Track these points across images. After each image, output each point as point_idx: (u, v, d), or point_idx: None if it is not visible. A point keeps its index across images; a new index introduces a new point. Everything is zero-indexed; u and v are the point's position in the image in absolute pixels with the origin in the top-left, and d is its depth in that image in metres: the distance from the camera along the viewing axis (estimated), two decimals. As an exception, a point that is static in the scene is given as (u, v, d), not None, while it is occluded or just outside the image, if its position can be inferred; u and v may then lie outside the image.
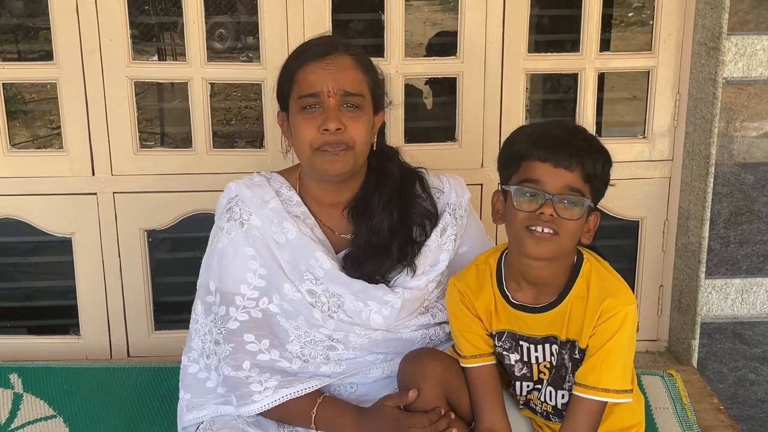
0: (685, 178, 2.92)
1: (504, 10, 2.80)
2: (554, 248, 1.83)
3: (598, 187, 1.87)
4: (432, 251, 2.12)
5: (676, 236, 2.99)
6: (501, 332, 2.00)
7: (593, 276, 1.92)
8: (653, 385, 2.65)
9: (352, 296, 2.05)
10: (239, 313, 2.06)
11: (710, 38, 2.72)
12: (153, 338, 3.01)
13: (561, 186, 1.81)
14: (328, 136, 1.97)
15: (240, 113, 5.76)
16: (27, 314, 3.22)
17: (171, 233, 2.98)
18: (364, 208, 2.11)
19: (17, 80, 2.95)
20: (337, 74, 1.98)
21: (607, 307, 1.86)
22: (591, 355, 1.88)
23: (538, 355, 1.99)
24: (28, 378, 2.64)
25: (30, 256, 3.24)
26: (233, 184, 2.15)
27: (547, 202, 1.81)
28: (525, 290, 1.96)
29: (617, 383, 1.88)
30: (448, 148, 2.92)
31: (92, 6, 2.71)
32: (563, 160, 1.82)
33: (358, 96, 2.00)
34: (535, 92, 3.25)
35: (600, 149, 1.88)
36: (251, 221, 2.08)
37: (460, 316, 2.02)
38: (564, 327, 1.92)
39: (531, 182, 1.84)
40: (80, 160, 2.84)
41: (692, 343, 2.94)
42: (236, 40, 5.28)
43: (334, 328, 2.06)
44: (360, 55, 2.06)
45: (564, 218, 1.81)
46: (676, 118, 2.92)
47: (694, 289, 2.90)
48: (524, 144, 1.87)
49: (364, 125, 2.01)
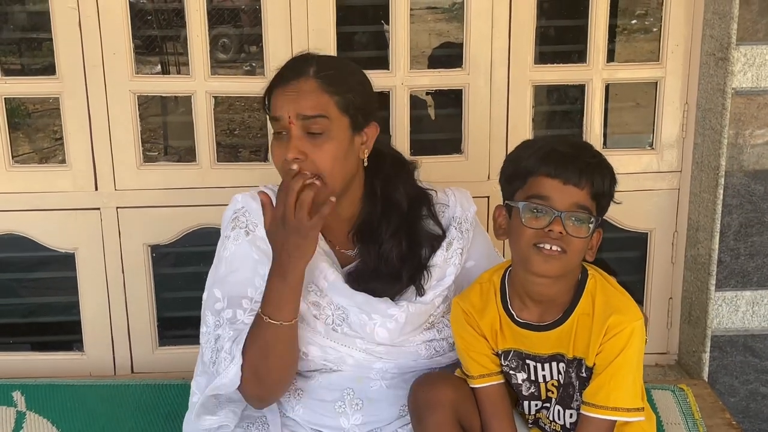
0: (694, 189, 2.89)
1: (510, 22, 2.78)
2: (561, 266, 1.80)
3: (604, 205, 1.84)
4: (438, 267, 2.09)
5: (686, 248, 2.96)
6: (507, 351, 1.97)
7: (598, 292, 1.89)
8: (664, 401, 2.62)
9: (356, 308, 2.02)
10: (246, 315, 2.02)
11: (719, 48, 2.69)
12: (157, 354, 2.99)
13: (570, 203, 1.78)
14: (288, 164, 1.92)
15: (244, 123, 5.75)
16: (30, 330, 3.19)
17: (175, 248, 2.96)
18: (370, 233, 2.08)
19: (19, 95, 2.96)
20: (298, 99, 1.94)
21: (613, 323, 1.82)
22: (598, 373, 1.84)
23: (545, 373, 1.96)
24: (31, 396, 2.62)
25: (33, 271, 3.20)
26: (239, 196, 2.14)
27: (556, 219, 1.77)
28: (530, 308, 1.93)
29: (627, 401, 1.84)
30: (454, 161, 2.89)
31: (95, 20, 2.70)
32: (573, 177, 1.79)
33: (319, 117, 1.94)
34: (542, 104, 3.22)
35: (607, 166, 1.85)
36: (257, 232, 2.06)
37: (465, 336, 1.99)
38: (570, 345, 1.89)
39: (539, 198, 1.80)
40: (83, 175, 2.83)
41: (703, 356, 2.91)
42: (239, 50, 5.27)
43: (337, 340, 2.03)
44: (329, 76, 1.99)
45: (572, 236, 1.78)
46: (684, 129, 2.89)
47: (704, 301, 2.87)
48: (532, 159, 1.84)
49: (329, 152, 1.95)
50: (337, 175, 1.98)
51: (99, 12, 2.70)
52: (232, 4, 4.98)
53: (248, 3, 5.04)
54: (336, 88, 1.97)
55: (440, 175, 2.33)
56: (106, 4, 2.70)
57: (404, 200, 2.10)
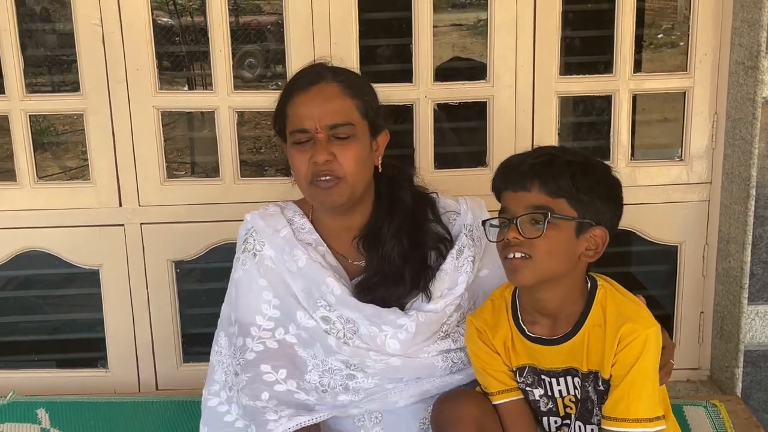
0: (724, 201, 2.84)
1: (534, 33, 2.76)
2: (531, 273, 1.79)
3: (583, 201, 1.79)
4: (449, 274, 2.08)
5: (717, 261, 2.91)
6: (522, 367, 1.95)
7: (609, 302, 1.86)
8: (697, 417, 2.57)
9: (366, 321, 2.02)
10: (255, 343, 2.06)
11: (748, 57, 2.65)
12: (181, 371, 2.98)
13: (522, 208, 1.79)
14: (318, 167, 1.96)
15: (270, 141, 5.76)
16: (55, 347, 3.21)
17: (199, 264, 2.96)
18: (373, 237, 2.09)
19: (44, 112, 2.97)
20: (323, 106, 1.97)
21: (626, 332, 1.79)
22: (616, 385, 1.81)
23: (561, 388, 1.93)
24: (55, 413, 2.62)
25: (57, 288, 3.22)
26: (249, 215, 2.17)
27: (511, 227, 1.78)
28: (540, 323, 1.91)
29: (648, 411, 1.79)
30: (479, 174, 2.86)
31: (118, 36, 2.71)
32: (519, 182, 1.80)
33: (346, 125, 1.97)
34: (568, 115, 3.19)
35: (565, 162, 1.81)
36: (264, 252, 2.09)
37: (480, 354, 1.98)
38: (584, 358, 1.86)
39: (502, 212, 1.84)
40: (107, 192, 2.83)
41: (735, 371, 2.84)
42: (265, 69, 5.30)
43: (350, 354, 2.03)
44: (348, 80, 2.03)
45: (529, 237, 1.76)
46: (713, 140, 2.84)
47: (737, 315, 2.81)
48: (495, 179, 1.90)
49: (355, 153, 1.98)
50: (360, 176, 2.01)
51: (122, 28, 2.71)
52: (258, 24, 5.02)
53: (273, 22, 5.08)
54: (356, 92, 2.00)
55: (465, 188, 2.30)
56: (129, 20, 2.71)
57: (408, 198, 2.11)
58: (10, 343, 3.14)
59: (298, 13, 2.72)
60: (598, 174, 1.84)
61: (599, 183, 1.83)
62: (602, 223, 1.82)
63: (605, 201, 1.82)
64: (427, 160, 2.82)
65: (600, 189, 1.82)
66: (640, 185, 2.88)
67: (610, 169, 1.89)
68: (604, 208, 1.82)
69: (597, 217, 1.81)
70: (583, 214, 1.79)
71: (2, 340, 3.11)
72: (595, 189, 1.81)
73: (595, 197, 1.81)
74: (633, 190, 2.84)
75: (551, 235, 1.77)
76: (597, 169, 1.85)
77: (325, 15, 2.72)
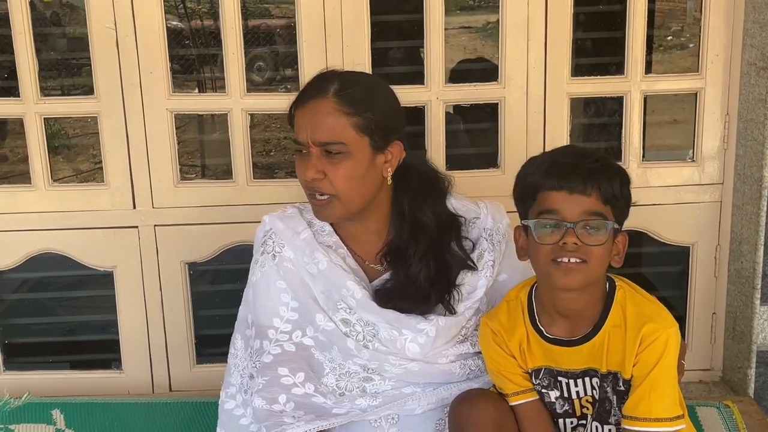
0: (736, 201, 2.84)
1: (546, 34, 2.76)
2: (584, 277, 1.79)
3: (620, 208, 1.81)
4: (468, 279, 2.08)
5: (729, 262, 2.91)
6: (537, 370, 1.95)
7: (628, 302, 1.86)
8: (709, 418, 2.57)
9: (386, 324, 2.01)
10: (272, 346, 2.06)
11: (760, 58, 2.65)
12: (195, 372, 2.99)
13: (580, 212, 1.77)
14: (309, 183, 1.98)
15: (279, 144, 5.78)
16: (69, 349, 3.22)
17: (212, 265, 2.97)
18: (398, 255, 2.07)
19: (58, 114, 2.98)
20: (316, 122, 1.96)
21: (648, 332, 1.79)
22: (637, 385, 1.81)
23: (579, 389, 1.93)
24: (70, 414, 2.64)
25: (72, 290, 3.24)
26: (267, 217, 2.16)
27: (569, 231, 1.76)
28: (559, 324, 1.91)
29: (669, 411, 1.80)
30: (491, 175, 2.87)
31: (132, 39, 2.73)
32: (578, 185, 1.77)
33: (337, 144, 1.95)
34: (579, 116, 3.20)
35: (614, 168, 1.83)
36: (284, 253, 2.08)
37: (494, 357, 1.98)
38: (603, 359, 1.86)
39: (549, 213, 1.79)
40: (121, 194, 2.85)
41: (748, 372, 2.84)
42: (275, 72, 5.32)
43: (369, 358, 2.03)
44: (350, 94, 1.98)
45: (589, 245, 1.76)
46: (725, 141, 2.84)
47: (749, 316, 2.81)
48: (536, 175, 1.83)
49: (347, 171, 1.96)
50: (354, 194, 2.00)
51: (136, 31, 2.73)
52: (267, 27, 5.03)
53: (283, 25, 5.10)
54: (355, 109, 1.96)
55: (476, 189, 2.30)
56: (143, 23, 2.72)
57: (432, 222, 2.08)
58: (25, 344, 3.15)
59: (311, 16, 2.74)
60: (629, 181, 1.86)
61: (630, 191, 1.85)
62: (621, 229, 1.84)
63: (629, 208, 1.85)
64: (439, 161, 2.82)
65: (630, 196, 1.85)
66: (652, 186, 2.88)
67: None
68: (627, 215, 1.85)
69: (621, 223, 1.84)
70: (618, 220, 1.81)
71: (17, 341, 3.12)
72: (628, 197, 1.84)
73: (627, 204, 1.84)
74: (645, 191, 2.85)
75: (607, 242, 1.78)
76: (628, 177, 1.86)
77: (337, 17, 2.73)
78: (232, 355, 2.19)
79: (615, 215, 1.80)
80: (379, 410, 2.04)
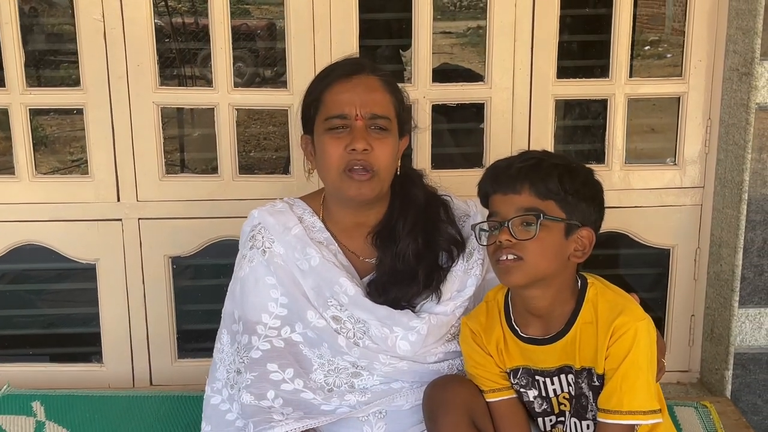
0: (717, 205, 2.88)
1: (533, 36, 2.79)
2: (524, 273, 1.82)
3: (570, 202, 1.83)
4: (458, 276, 2.10)
5: (708, 264, 2.94)
6: (516, 369, 1.98)
7: (600, 299, 1.89)
8: (687, 418, 2.60)
9: (377, 322, 2.02)
10: (261, 342, 2.04)
11: (742, 64, 2.69)
12: (176, 366, 2.98)
13: (514, 210, 1.82)
14: (355, 156, 1.96)
15: (259, 145, 5.78)
16: (49, 342, 3.19)
17: (195, 260, 2.96)
18: (388, 233, 2.09)
19: (44, 105, 2.96)
20: (365, 96, 1.97)
21: (618, 325, 1.82)
22: (609, 378, 1.83)
23: (555, 387, 1.95)
24: (50, 406, 2.62)
25: (54, 282, 3.22)
26: (256, 211, 2.14)
27: (503, 229, 1.81)
28: (533, 323, 1.93)
29: (642, 404, 1.82)
30: (475, 175, 2.86)
31: (120, 32, 2.73)
32: (508, 185, 1.83)
33: (385, 119, 1.99)
34: (564, 118, 3.23)
35: (552, 165, 1.85)
36: (273, 249, 2.07)
37: (473, 356, 2.00)
38: (576, 355, 1.89)
39: (492, 216, 1.87)
40: (105, 186, 2.84)
41: (725, 374, 2.87)
42: (254, 74, 5.33)
43: (359, 356, 2.03)
44: (387, 76, 2.05)
45: (522, 240, 1.80)
46: (707, 145, 2.88)
47: (727, 318, 2.85)
48: (482, 183, 1.93)
49: (390, 148, 2.00)
50: (390, 173, 2.03)
51: (124, 24, 2.72)
52: (247, 28, 5.03)
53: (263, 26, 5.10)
54: (393, 90, 2.03)
55: (461, 189, 2.31)
56: (131, 16, 2.72)
57: (421, 195, 2.12)
58: (5, 336, 3.12)
59: (299, 13, 2.74)
60: (582, 176, 1.88)
61: (585, 185, 1.87)
62: (588, 224, 1.86)
63: (590, 202, 1.87)
64: (425, 160, 2.84)
65: (585, 191, 1.86)
66: (634, 188, 2.91)
67: (593, 172, 1.92)
68: (589, 210, 1.86)
69: (583, 219, 1.85)
70: (570, 215, 1.83)
71: (-3, 333, 3.10)
72: (581, 191, 1.85)
73: (581, 199, 1.85)
74: (627, 194, 2.89)
75: (542, 236, 1.80)
76: (582, 172, 1.89)
77: (326, 14, 2.74)
78: (217, 350, 2.18)
79: (565, 210, 1.82)
80: (368, 407, 2.05)
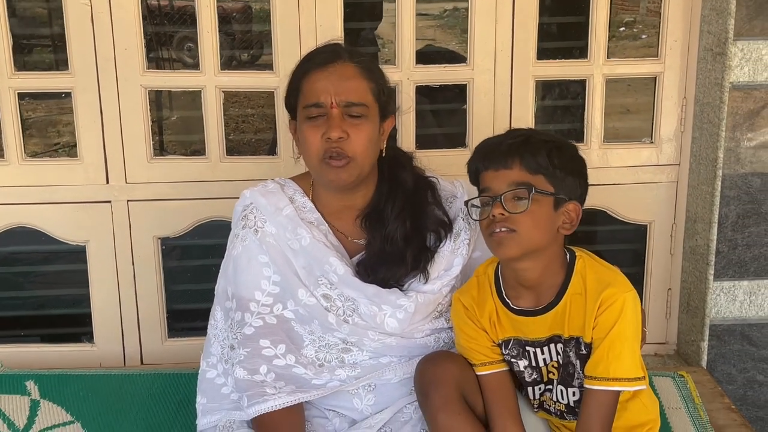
0: (692, 182, 2.96)
1: (513, 18, 2.84)
2: (517, 245, 1.88)
3: (559, 176, 1.91)
4: (446, 256, 2.15)
5: (684, 239, 3.02)
6: (507, 340, 2.04)
7: (588, 271, 1.96)
8: (665, 386, 2.67)
9: (366, 300, 2.07)
10: (254, 318, 2.09)
11: (716, 44, 2.76)
12: (166, 346, 3.03)
13: (506, 185, 1.88)
14: (331, 144, 2.00)
15: (238, 128, 5.77)
16: (40, 323, 3.22)
17: (184, 240, 3.00)
18: (377, 216, 2.13)
19: (32, 89, 2.97)
20: (340, 84, 2.01)
21: (606, 296, 1.89)
22: (596, 346, 1.91)
23: (545, 357, 2.02)
24: (44, 385, 2.65)
25: (44, 264, 3.25)
26: (248, 191, 2.18)
27: (496, 203, 1.88)
28: (524, 295, 2.00)
29: (628, 371, 1.90)
30: (458, 154, 2.94)
31: (107, 15, 2.75)
32: (500, 161, 1.90)
33: (361, 105, 2.02)
34: (544, 99, 3.28)
35: (540, 141, 1.93)
36: (266, 228, 2.11)
37: (466, 330, 2.06)
38: (565, 324, 1.96)
39: (484, 192, 1.93)
40: (94, 168, 2.87)
41: (701, 345, 2.96)
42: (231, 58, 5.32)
43: (349, 332, 2.09)
44: (364, 62, 2.08)
45: (514, 213, 1.86)
46: (682, 123, 2.95)
47: (703, 291, 2.93)
48: (472, 161, 1.99)
49: (366, 133, 2.03)
50: (368, 158, 2.06)
51: (111, 7, 2.74)
52: (223, 11, 5.01)
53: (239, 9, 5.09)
54: (371, 74, 2.05)
55: (444, 169, 2.37)
56: (117, 0, 2.74)
57: (410, 179, 2.16)
58: (-5, 317, 3.16)
59: (285, -4, 2.78)
60: (569, 152, 1.96)
61: (572, 160, 1.95)
62: (575, 198, 1.94)
63: (576, 177, 1.94)
64: (409, 141, 2.90)
65: (572, 165, 1.94)
66: (612, 166, 2.98)
67: (578, 148, 2.00)
68: (575, 184, 1.94)
69: (570, 192, 1.93)
70: (558, 189, 1.90)
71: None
72: (568, 165, 1.93)
73: (568, 173, 1.92)
74: (605, 171, 2.96)
75: (534, 209, 1.87)
76: (568, 148, 1.97)
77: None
78: (212, 326, 2.22)
79: (554, 184, 1.89)
80: (358, 381, 2.10)
